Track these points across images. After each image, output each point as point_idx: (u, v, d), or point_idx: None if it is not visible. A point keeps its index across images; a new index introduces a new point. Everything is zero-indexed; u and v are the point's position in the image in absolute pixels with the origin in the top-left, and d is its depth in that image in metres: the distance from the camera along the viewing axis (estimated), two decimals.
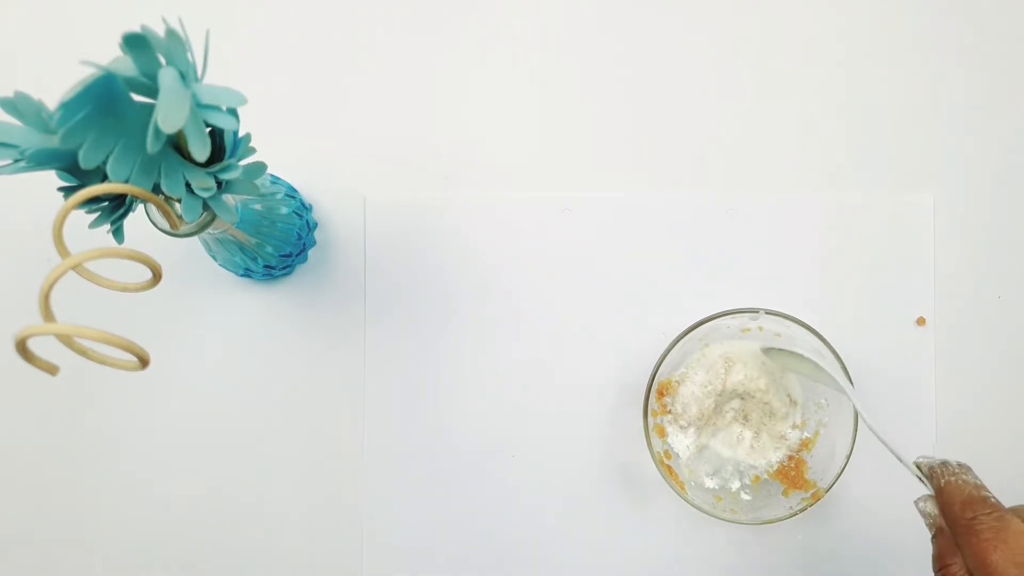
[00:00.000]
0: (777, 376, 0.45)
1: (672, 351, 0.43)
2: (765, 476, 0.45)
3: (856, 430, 0.43)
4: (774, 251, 0.48)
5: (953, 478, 0.34)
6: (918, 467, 0.36)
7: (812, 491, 0.43)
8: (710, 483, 0.45)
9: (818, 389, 0.45)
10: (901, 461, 0.37)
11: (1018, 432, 0.48)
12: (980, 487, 0.33)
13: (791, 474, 0.45)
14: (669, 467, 0.44)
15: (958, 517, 0.32)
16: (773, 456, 0.45)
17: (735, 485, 0.45)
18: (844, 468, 0.43)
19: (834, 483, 0.43)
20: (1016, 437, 0.48)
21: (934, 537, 0.34)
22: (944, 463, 0.35)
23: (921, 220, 0.48)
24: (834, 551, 0.47)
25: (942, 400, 0.48)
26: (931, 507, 0.35)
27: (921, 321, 0.48)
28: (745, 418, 0.45)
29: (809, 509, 0.43)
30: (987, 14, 0.49)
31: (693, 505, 0.43)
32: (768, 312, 0.43)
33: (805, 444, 0.45)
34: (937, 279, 0.48)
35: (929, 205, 0.48)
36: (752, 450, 0.45)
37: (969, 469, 0.34)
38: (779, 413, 0.45)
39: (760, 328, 0.45)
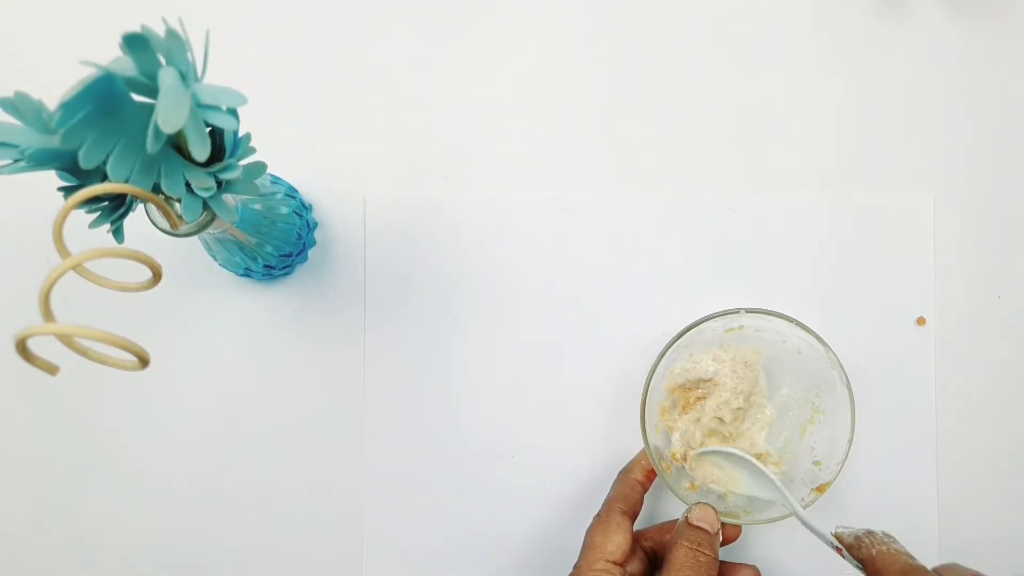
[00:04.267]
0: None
1: (660, 365, 0.44)
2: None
3: (854, 416, 0.43)
4: (774, 250, 0.48)
5: (884, 547, 0.34)
6: (839, 539, 0.36)
7: (817, 483, 0.43)
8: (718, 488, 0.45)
9: (814, 378, 0.45)
10: (820, 536, 0.38)
11: (1019, 432, 0.48)
12: (910, 555, 0.33)
13: None
14: (668, 466, 0.44)
15: None
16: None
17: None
18: (847, 456, 0.43)
19: (839, 472, 0.43)
20: (1017, 437, 0.48)
21: None
22: (870, 532, 0.35)
23: (921, 220, 0.48)
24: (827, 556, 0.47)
25: (942, 400, 0.48)
26: None
27: (921, 321, 0.48)
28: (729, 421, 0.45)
29: (810, 510, 0.43)
30: (986, 14, 0.49)
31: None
32: (748, 311, 0.43)
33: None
34: (937, 279, 0.48)
35: (929, 205, 0.48)
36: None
37: (895, 539, 0.35)
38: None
39: (741, 327, 0.45)
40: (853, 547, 0.35)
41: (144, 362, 0.27)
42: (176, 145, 0.29)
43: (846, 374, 0.43)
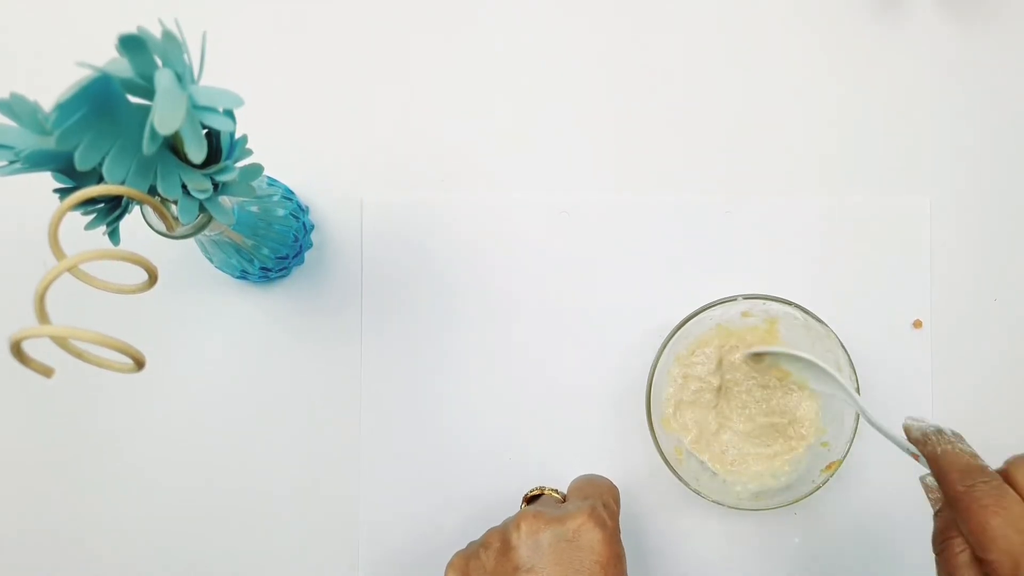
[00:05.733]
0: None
1: (664, 354, 0.44)
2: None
3: (858, 392, 0.43)
4: (771, 253, 0.48)
5: (949, 446, 0.33)
6: (907, 431, 0.35)
7: (827, 461, 0.43)
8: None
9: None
10: (891, 438, 0.36)
11: (1016, 434, 0.48)
12: (975, 456, 0.32)
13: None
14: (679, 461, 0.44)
15: (955, 485, 0.31)
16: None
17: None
18: (855, 433, 0.43)
19: (848, 450, 0.43)
20: (1014, 439, 0.48)
21: (937, 512, 0.33)
22: (939, 430, 0.34)
23: (918, 223, 0.48)
24: (829, 554, 0.48)
25: (939, 402, 0.48)
26: (935, 480, 0.33)
27: (918, 324, 0.48)
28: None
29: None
30: (983, 18, 0.49)
31: (710, 499, 0.43)
32: (746, 297, 0.43)
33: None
34: (933, 282, 0.48)
35: (926, 208, 0.48)
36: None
37: (963, 438, 0.34)
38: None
39: (743, 314, 0.45)
40: (919, 442, 0.34)
41: (140, 364, 0.27)
42: (172, 147, 0.29)
43: (847, 351, 0.43)
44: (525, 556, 0.36)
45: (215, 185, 0.30)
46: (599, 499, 0.39)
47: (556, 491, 0.41)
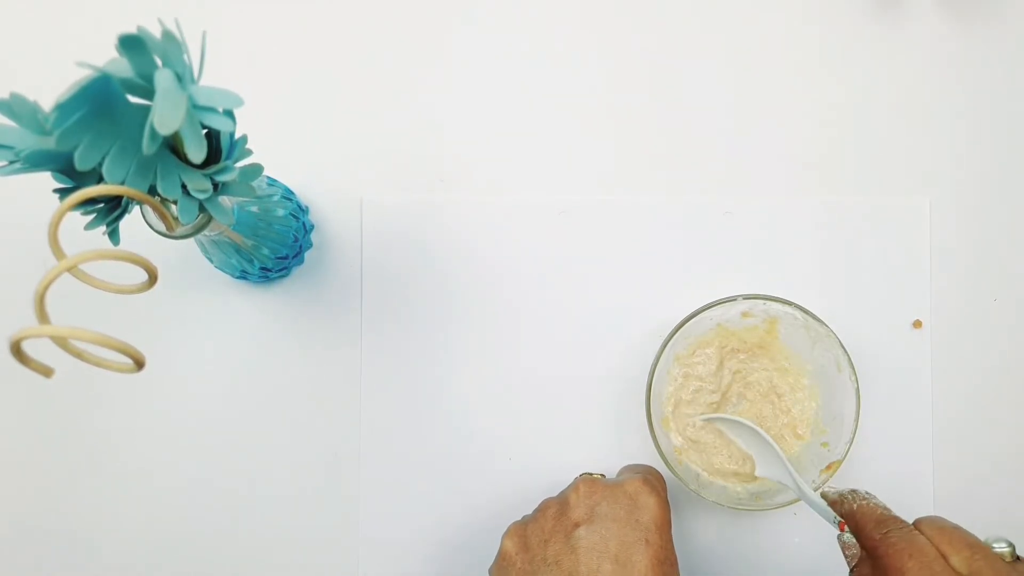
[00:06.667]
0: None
1: (664, 354, 0.44)
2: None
3: (858, 394, 0.43)
4: (771, 254, 0.48)
5: (864, 502, 0.36)
6: (825, 496, 0.38)
7: (827, 462, 0.43)
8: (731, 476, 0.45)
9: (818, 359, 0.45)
10: (811, 504, 0.39)
11: (1014, 434, 0.48)
12: (888, 508, 0.35)
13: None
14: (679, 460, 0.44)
15: (872, 534, 0.34)
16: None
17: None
18: (854, 434, 0.43)
19: (847, 451, 0.43)
20: (1012, 439, 0.48)
21: (853, 568, 0.35)
22: (853, 491, 0.37)
23: (917, 223, 0.48)
24: (829, 554, 0.47)
25: (939, 402, 0.48)
26: (852, 537, 0.36)
27: (918, 324, 0.48)
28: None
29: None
30: (983, 17, 0.49)
31: (710, 499, 0.43)
32: (746, 297, 0.43)
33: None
34: (933, 282, 0.48)
35: (925, 208, 0.48)
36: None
37: (875, 495, 0.37)
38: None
39: (743, 314, 0.45)
40: (837, 503, 0.37)
41: (139, 364, 0.27)
42: (172, 147, 0.29)
43: (847, 352, 0.43)
44: (584, 513, 0.38)
45: (215, 185, 0.30)
46: (648, 473, 0.42)
47: (603, 476, 0.43)
